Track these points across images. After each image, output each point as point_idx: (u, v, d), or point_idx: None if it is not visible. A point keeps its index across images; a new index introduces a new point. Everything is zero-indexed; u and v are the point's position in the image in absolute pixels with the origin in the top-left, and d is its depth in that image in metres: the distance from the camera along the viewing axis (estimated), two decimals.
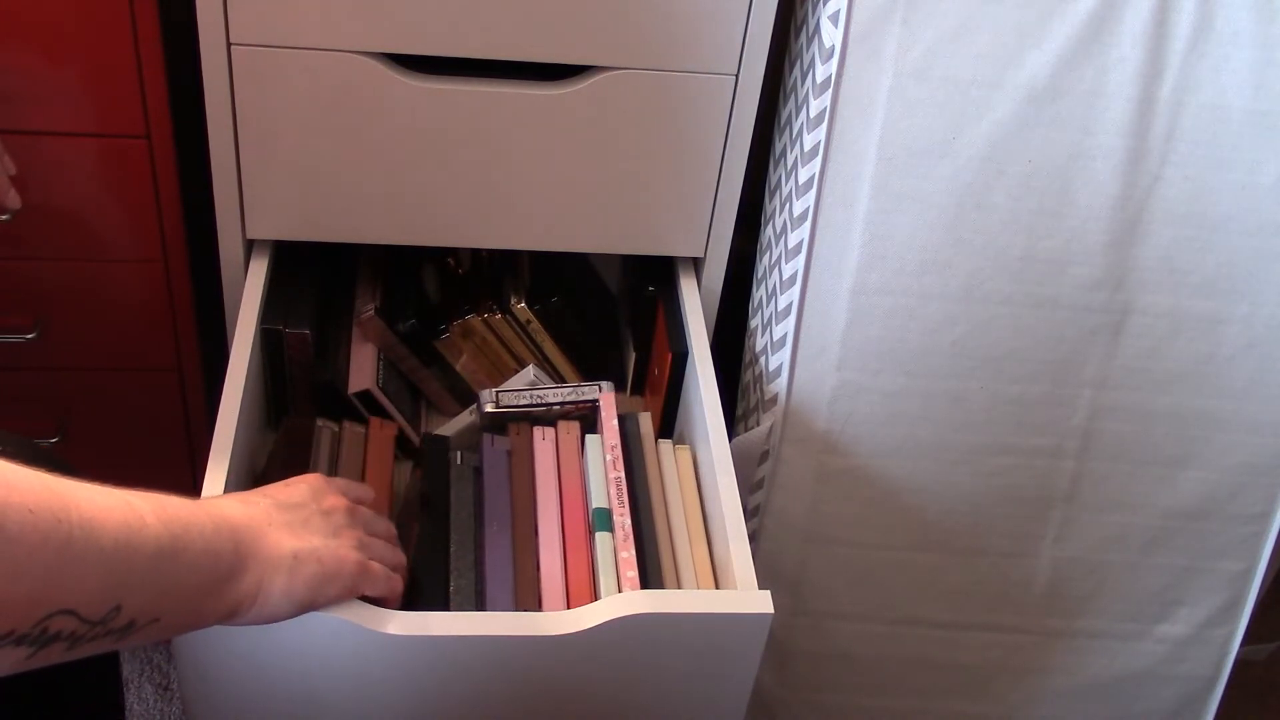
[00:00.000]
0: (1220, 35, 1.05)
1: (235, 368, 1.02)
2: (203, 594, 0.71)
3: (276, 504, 0.80)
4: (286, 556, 0.77)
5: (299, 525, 0.80)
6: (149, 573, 0.66)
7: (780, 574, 1.22)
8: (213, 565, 0.72)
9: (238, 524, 0.75)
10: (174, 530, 0.67)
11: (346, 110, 1.03)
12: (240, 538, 0.74)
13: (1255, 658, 1.59)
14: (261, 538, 0.76)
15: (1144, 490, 1.20)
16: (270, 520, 0.78)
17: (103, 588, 0.62)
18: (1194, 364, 1.15)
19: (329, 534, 0.82)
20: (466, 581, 0.95)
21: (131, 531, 0.64)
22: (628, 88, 1.04)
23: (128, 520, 0.64)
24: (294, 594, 0.77)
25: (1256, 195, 1.10)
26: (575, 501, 1.01)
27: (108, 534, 0.62)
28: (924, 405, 1.15)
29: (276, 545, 0.77)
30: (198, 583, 0.71)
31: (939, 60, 1.05)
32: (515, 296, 1.19)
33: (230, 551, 0.73)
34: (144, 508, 0.66)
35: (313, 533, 0.80)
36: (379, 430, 1.10)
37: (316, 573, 0.79)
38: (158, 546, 0.66)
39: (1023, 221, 1.09)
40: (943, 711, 1.30)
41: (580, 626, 0.86)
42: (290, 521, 0.79)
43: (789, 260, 1.12)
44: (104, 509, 0.63)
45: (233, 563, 0.73)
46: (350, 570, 0.81)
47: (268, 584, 0.76)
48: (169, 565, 0.67)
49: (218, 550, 0.72)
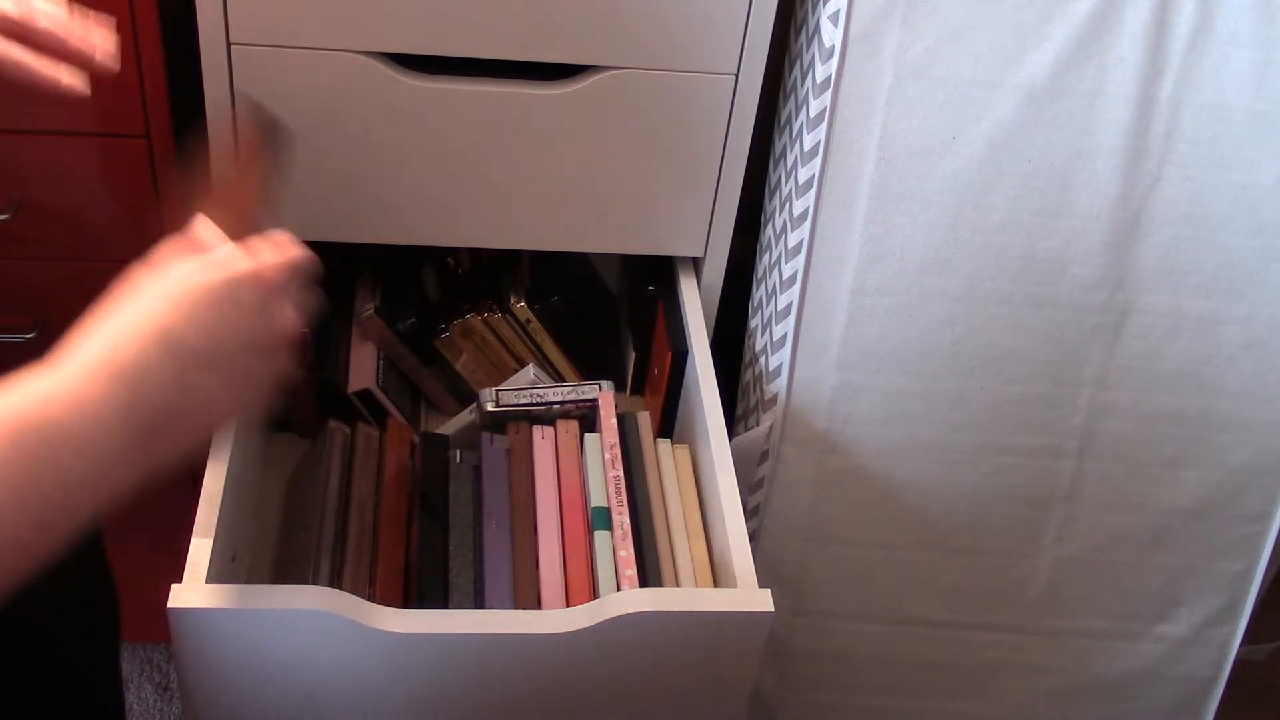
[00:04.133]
0: (1220, 35, 1.05)
1: None
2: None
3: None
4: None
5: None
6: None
7: (780, 574, 1.22)
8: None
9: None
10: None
11: (346, 110, 1.03)
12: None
13: (1255, 658, 1.59)
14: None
15: (1144, 490, 1.20)
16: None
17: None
18: (1194, 364, 1.15)
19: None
20: (465, 580, 0.96)
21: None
22: (628, 88, 1.04)
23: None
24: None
25: (1256, 195, 1.09)
26: (574, 500, 1.01)
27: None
28: (924, 405, 1.15)
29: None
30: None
31: (939, 60, 1.05)
32: (515, 296, 1.19)
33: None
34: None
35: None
36: (396, 432, 1.10)
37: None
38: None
39: (1023, 221, 1.09)
40: (943, 711, 1.30)
41: (579, 625, 0.86)
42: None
43: (789, 260, 1.12)
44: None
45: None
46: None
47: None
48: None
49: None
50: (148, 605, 0.95)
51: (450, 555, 0.97)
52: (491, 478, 1.03)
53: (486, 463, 1.04)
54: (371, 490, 1.06)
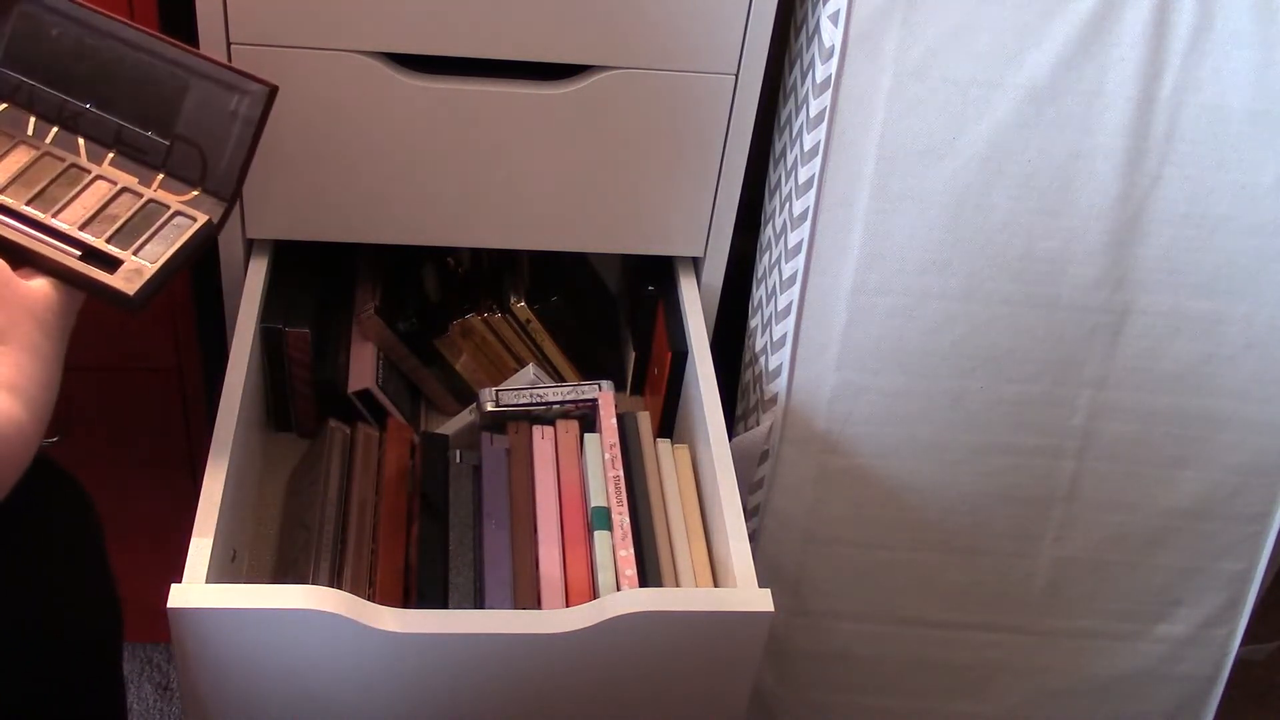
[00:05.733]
0: (1220, 35, 1.05)
1: (235, 367, 1.02)
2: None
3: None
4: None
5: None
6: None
7: (780, 574, 1.22)
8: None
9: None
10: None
11: (346, 110, 1.03)
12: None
13: (1255, 658, 1.59)
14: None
15: (1144, 490, 1.20)
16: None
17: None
18: (1194, 364, 1.15)
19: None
20: (465, 580, 0.96)
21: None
22: (628, 88, 1.04)
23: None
24: None
25: (1256, 195, 1.10)
26: (574, 500, 1.01)
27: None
28: (924, 405, 1.15)
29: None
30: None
31: (939, 60, 1.05)
32: (515, 296, 1.19)
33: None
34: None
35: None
36: (396, 432, 1.10)
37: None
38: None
39: (1023, 221, 1.09)
40: (943, 711, 1.30)
41: (579, 624, 0.86)
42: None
43: (789, 260, 1.12)
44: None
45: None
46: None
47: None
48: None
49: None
50: (148, 605, 0.95)
51: (450, 555, 0.97)
52: (491, 478, 1.03)
53: (486, 463, 1.04)
54: (371, 490, 1.06)
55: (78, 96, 0.89)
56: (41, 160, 0.88)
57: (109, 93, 0.89)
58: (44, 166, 0.88)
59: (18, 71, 0.89)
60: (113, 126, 0.89)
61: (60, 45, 0.88)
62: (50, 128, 0.89)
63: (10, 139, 0.88)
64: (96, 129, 0.89)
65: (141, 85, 0.88)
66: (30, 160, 0.88)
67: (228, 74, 0.88)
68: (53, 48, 0.88)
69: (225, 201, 0.89)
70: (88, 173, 0.89)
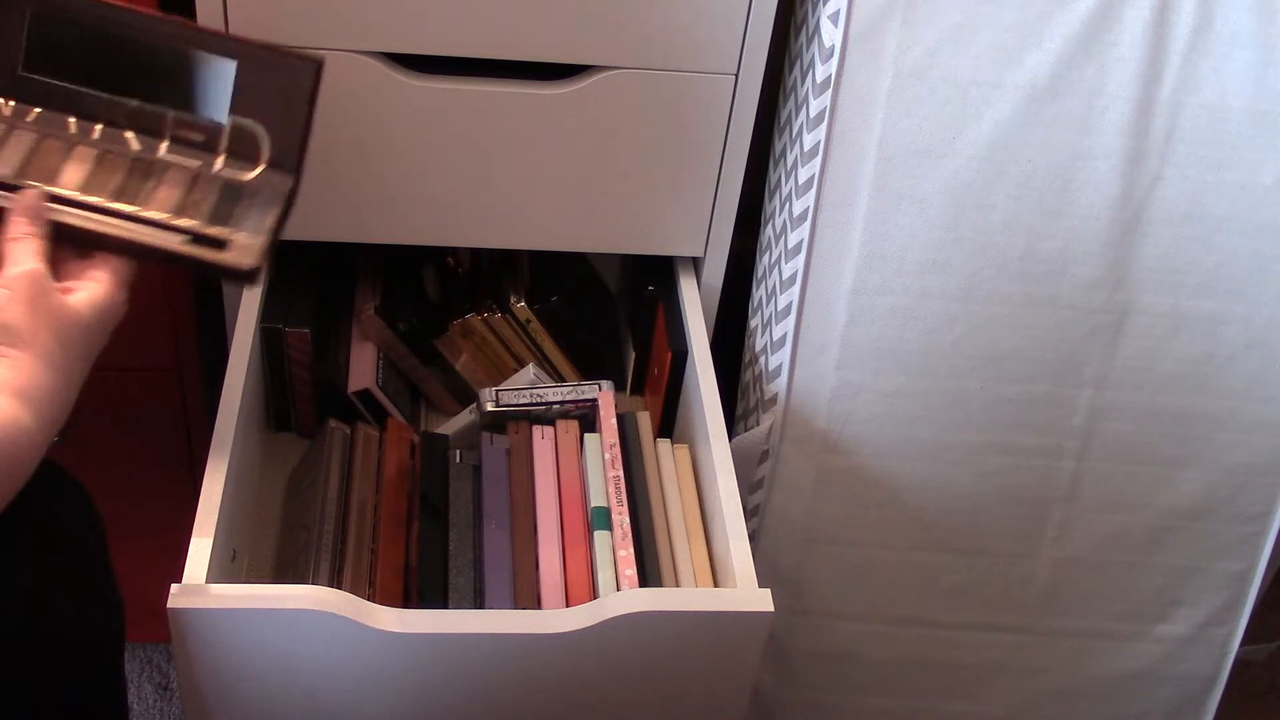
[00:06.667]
0: (1220, 35, 1.05)
1: (235, 367, 1.02)
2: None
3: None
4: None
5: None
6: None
7: (780, 574, 1.22)
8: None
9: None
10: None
11: (346, 110, 1.03)
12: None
13: (1255, 658, 1.59)
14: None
15: (1144, 490, 1.20)
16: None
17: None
18: (1194, 364, 1.15)
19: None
20: (465, 580, 0.96)
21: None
22: (628, 88, 1.04)
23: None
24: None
25: (1256, 195, 1.09)
26: (574, 500, 1.01)
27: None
28: (924, 405, 1.15)
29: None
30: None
31: (939, 60, 1.05)
32: (515, 296, 1.19)
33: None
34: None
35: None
36: (396, 432, 1.10)
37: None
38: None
39: (1023, 221, 1.09)
40: (943, 711, 1.30)
41: (579, 624, 0.86)
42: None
43: (789, 260, 1.12)
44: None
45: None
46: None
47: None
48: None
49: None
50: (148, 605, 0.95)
51: (450, 555, 0.97)
52: (491, 478, 1.03)
53: (486, 463, 1.04)
54: (371, 490, 1.06)
55: (118, 92, 0.89)
56: (105, 158, 0.88)
57: (151, 83, 0.89)
58: (111, 164, 0.88)
59: (45, 75, 0.88)
60: (161, 116, 0.89)
61: (87, 43, 0.88)
62: (93, 125, 0.89)
63: (65, 143, 0.88)
64: (144, 121, 0.89)
65: (185, 72, 0.88)
66: (94, 160, 0.88)
67: (272, 54, 0.88)
68: (78, 47, 0.88)
69: (292, 174, 0.89)
70: (153, 163, 0.89)
